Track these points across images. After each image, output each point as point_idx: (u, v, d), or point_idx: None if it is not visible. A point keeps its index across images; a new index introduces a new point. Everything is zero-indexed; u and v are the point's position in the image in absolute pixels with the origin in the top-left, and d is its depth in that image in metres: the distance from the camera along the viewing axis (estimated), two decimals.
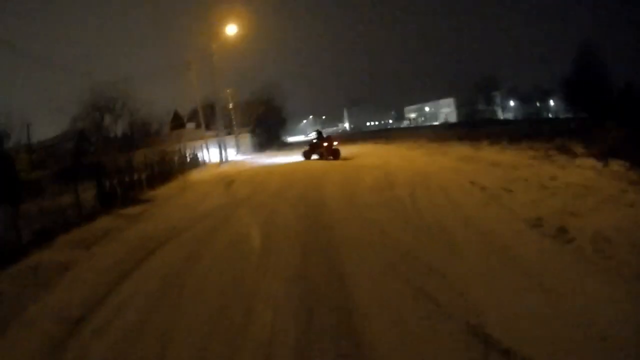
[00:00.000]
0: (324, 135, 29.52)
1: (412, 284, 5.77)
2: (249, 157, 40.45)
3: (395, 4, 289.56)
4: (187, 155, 30.91)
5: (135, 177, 20.01)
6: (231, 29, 33.96)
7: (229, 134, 49.49)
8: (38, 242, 10.85)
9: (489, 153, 18.92)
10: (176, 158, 26.61)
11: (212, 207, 13.39)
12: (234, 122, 49.52)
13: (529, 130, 30.10)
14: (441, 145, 26.79)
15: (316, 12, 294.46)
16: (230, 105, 50.17)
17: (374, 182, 14.41)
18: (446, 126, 71.43)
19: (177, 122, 21.16)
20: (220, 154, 33.96)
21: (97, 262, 8.79)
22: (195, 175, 25.69)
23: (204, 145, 35.53)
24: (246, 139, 51.18)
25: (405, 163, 19.32)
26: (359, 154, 27.33)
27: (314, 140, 29.09)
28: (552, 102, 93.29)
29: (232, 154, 42.94)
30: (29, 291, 7.29)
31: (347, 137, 56.02)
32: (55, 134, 26.31)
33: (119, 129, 23.41)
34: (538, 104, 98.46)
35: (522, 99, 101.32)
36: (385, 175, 15.64)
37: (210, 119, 44.73)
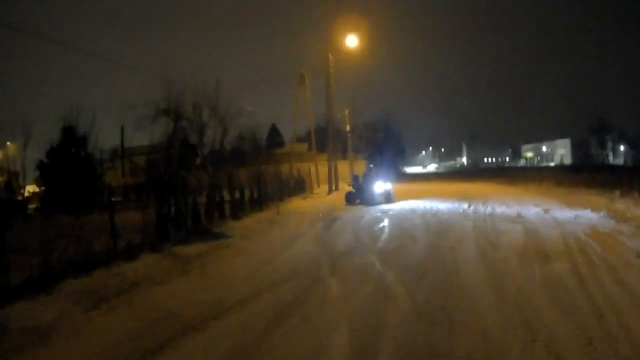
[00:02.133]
0: (376, 173, 23.42)
1: None
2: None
3: (518, 41, 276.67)
4: (292, 179, 26.80)
5: (217, 200, 15.87)
6: (351, 41, 29.58)
7: (344, 159, 45.31)
8: (42, 284, 7.72)
9: (626, 207, 15.29)
10: (275, 181, 22.33)
11: (294, 264, 8.92)
12: (350, 147, 45.24)
13: None
14: (570, 192, 22.74)
15: (442, 40, 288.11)
16: (347, 128, 45.95)
17: (515, 243, 10.13)
18: (564, 168, 64.90)
19: (275, 140, 17.31)
20: (330, 181, 29.38)
21: (78, 347, 5.45)
22: (295, 203, 21.44)
23: (312, 169, 31.39)
24: (362, 166, 46.37)
25: (545, 216, 14.47)
26: (484, 197, 21.96)
27: (362, 180, 22.79)
28: None
29: (346, 181, 38.70)
30: None
31: (469, 175, 50.61)
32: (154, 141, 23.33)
33: (208, 140, 19.99)
34: None
35: (630, 144, 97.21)
36: (526, 231, 11.47)
37: (322, 141, 40.82)
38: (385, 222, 14.01)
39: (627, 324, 5.09)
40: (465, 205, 18.12)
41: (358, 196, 21.66)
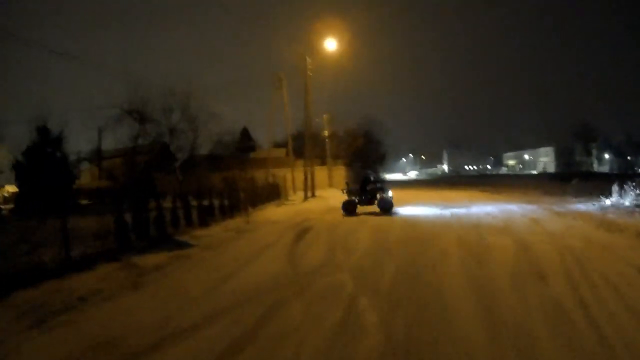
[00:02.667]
0: (372, 180, 21.09)
1: None
2: (340, 193, 35.00)
3: (503, 49, 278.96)
4: (266, 185, 26.17)
5: (185, 207, 15.25)
6: (330, 45, 29.05)
7: (323, 164, 44.80)
8: None
9: (619, 217, 14.88)
10: (248, 187, 21.67)
11: (256, 282, 8.07)
12: (328, 153, 44.66)
13: None
14: (558, 200, 22.39)
15: (425, 48, 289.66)
16: (326, 133, 45.29)
17: (505, 259, 9.31)
18: (548, 176, 64.45)
19: (246, 144, 16.26)
20: (306, 188, 28.79)
21: None
22: (268, 211, 20.74)
23: (289, 175, 30.79)
24: (341, 171, 45.89)
25: (535, 227, 13.82)
26: (468, 206, 21.27)
27: (360, 187, 20.67)
28: None
29: (323, 188, 38.14)
30: None
31: (450, 182, 49.97)
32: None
33: (182, 144, 19.47)
34: (629, 158, 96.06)
35: (615, 152, 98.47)
36: (517, 247, 10.56)
37: (300, 147, 40.29)
38: (361, 234, 13.22)
39: None
40: (448, 214, 17.45)
41: (357, 204, 19.81)
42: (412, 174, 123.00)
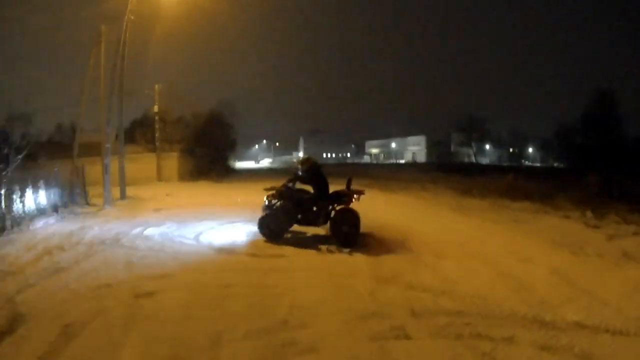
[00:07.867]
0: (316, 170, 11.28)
1: None
2: (165, 191, 26.57)
3: (369, 31, 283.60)
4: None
5: None
6: None
7: (154, 151, 36.08)
8: None
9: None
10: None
11: None
12: (158, 135, 35.54)
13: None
14: (498, 207, 16.70)
15: (278, 28, 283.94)
16: (156, 109, 35.96)
17: None
18: (424, 167, 61.26)
19: None
20: (107, 184, 19.68)
21: None
22: (22, 240, 12.13)
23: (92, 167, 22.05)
24: (173, 160, 36.13)
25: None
26: (379, 225, 12.75)
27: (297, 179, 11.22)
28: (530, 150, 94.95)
29: (151, 183, 29.92)
30: None
31: None
32: None
33: None
34: (511, 150, 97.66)
35: (496, 144, 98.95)
36: None
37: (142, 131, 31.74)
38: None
39: None
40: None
41: (292, 219, 10.96)
42: (266, 162, 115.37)
